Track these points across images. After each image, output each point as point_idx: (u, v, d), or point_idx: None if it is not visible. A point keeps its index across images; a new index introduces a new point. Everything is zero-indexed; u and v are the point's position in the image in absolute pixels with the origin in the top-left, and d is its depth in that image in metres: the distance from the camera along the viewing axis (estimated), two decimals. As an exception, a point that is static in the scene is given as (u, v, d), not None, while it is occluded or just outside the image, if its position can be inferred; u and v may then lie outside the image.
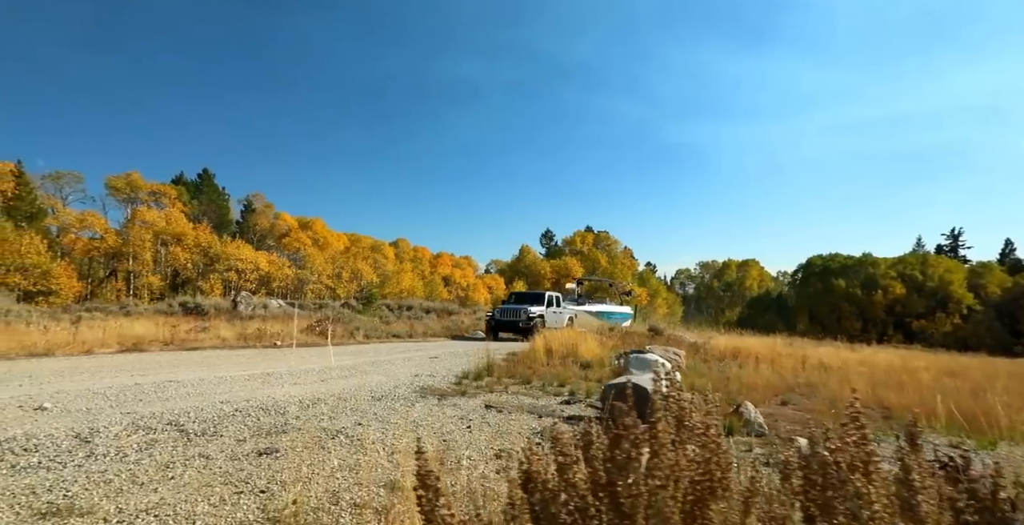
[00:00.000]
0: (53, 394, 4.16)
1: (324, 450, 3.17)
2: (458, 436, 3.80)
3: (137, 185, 34.69)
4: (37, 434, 2.93)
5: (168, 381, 5.11)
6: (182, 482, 2.46)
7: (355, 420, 4.00)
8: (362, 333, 13.17)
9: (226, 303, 17.78)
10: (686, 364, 9.45)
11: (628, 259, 57.68)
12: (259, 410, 4.07)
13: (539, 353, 9.24)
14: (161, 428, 3.36)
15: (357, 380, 6.13)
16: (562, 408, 5.23)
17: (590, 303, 24.08)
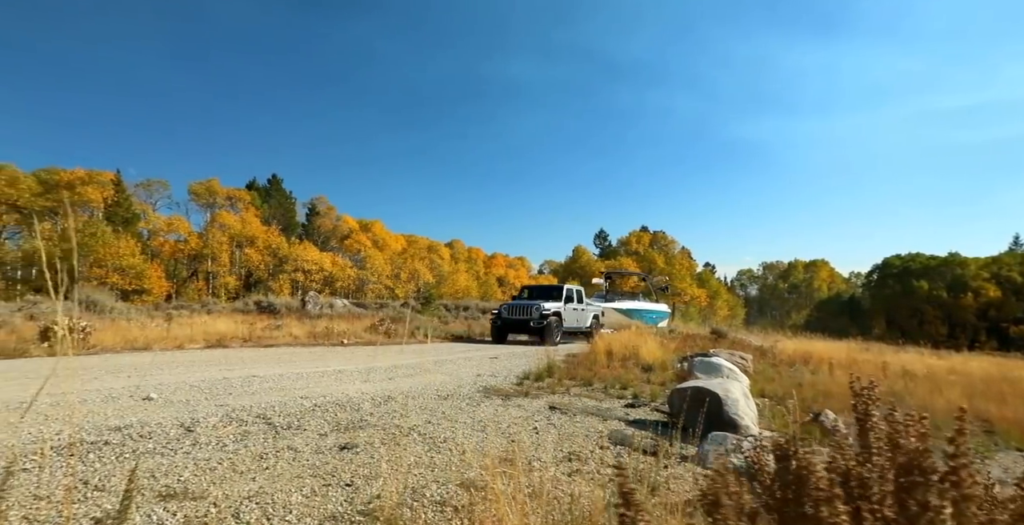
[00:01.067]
0: (156, 386, 4.55)
1: (399, 447, 3.29)
2: (525, 437, 3.83)
3: (215, 191, 37.38)
4: (149, 422, 3.21)
5: (252, 376, 5.47)
6: (276, 473, 2.63)
7: (425, 418, 4.12)
8: (422, 332, 13.54)
9: (295, 302, 18.80)
10: (753, 369, 9.06)
11: (686, 260, 55.89)
12: (336, 406, 4.27)
13: (599, 355, 9.14)
14: (251, 420, 3.60)
15: (422, 379, 6.31)
16: (626, 411, 5.16)
17: (620, 300, 20.67)
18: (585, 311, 15.16)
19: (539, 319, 12.81)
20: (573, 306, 14.45)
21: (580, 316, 14.76)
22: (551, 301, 13.67)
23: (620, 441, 3.85)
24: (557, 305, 13.60)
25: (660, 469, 3.12)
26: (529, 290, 15.79)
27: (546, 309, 12.99)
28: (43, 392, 3.45)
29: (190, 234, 35.65)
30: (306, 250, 37.36)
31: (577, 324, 14.46)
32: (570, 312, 14.13)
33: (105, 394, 3.88)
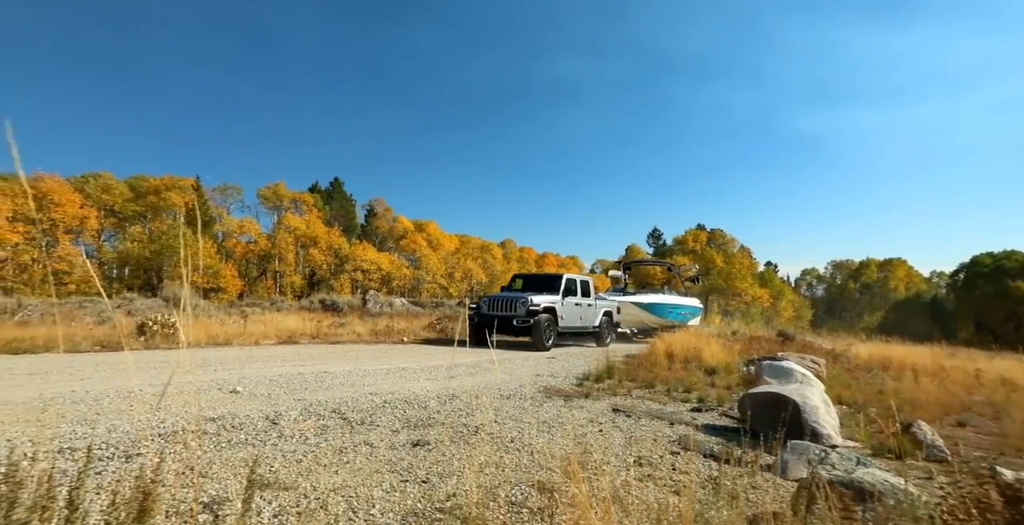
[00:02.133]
0: (239, 379, 4.85)
1: (469, 445, 3.34)
2: (592, 440, 3.79)
3: (282, 194, 39.53)
4: (238, 414, 3.44)
5: (323, 372, 5.73)
6: (355, 467, 2.74)
7: (491, 417, 4.17)
8: (478, 331, 13.70)
9: (357, 301, 19.57)
10: (827, 374, 8.55)
11: (746, 258, 53.47)
12: (404, 403, 4.40)
13: (659, 356, 8.92)
14: (328, 415, 3.77)
15: (483, 378, 6.39)
16: (693, 416, 5.01)
17: (642, 293, 17.98)
18: (593, 307, 12.50)
19: (525, 316, 10.37)
20: (575, 300, 11.81)
21: (585, 313, 12.17)
22: (545, 293, 11.13)
23: (690, 446, 3.73)
24: (551, 299, 11.02)
25: (737, 478, 3.00)
26: (523, 280, 12.89)
27: (534, 304, 10.46)
28: (145, 383, 3.76)
29: (259, 235, 37.91)
30: (365, 250, 38.82)
31: (581, 323, 12.01)
32: (570, 308, 11.57)
33: (197, 386, 4.18)
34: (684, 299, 18.43)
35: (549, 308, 10.86)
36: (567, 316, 11.43)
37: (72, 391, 3.96)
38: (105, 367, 5.51)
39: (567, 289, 11.67)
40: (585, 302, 12.25)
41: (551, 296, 11.17)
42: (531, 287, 12.02)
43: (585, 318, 12.24)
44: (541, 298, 10.84)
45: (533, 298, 10.64)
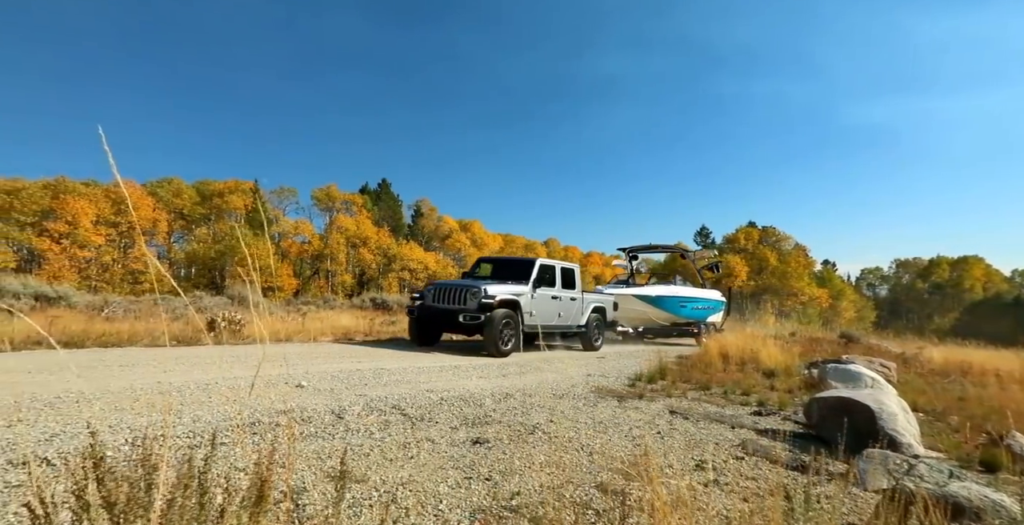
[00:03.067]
0: (303, 375, 5.07)
1: (527, 444, 3.35)
2: (650, 442, 3.72)
3: (334, 196, 41.00)
4: (306, 408, 3.59)
5: (380, 369, 5.90)
6: (420, 462, 2.81)
7: (546, 417, 4.17)
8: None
9: (406, 299, 20.04)
10: (897, 378, 8.05)
11: (802, 257, 50.90)
12: (459, 400, 4.47)
13: (713, 358, 8.66)
14: (389, 411, 3.88)
15: (534, 377, 6.40)
16: (754, 420, 4.83)
17: (650, 285, 15.46)
18: (577, 302, 10.23)
19: (476, 310, 8.14)
20: (551, 293, 9.54)
21: (566, 308, 9.85)
22: (511, 282, 8.99)
23: (755, 452, 3.60)
24: (516, 290, 8.77)
25: (809, 486, 2.87)
26: (491, 265, 10.54)
27: (488, 295, 8.19)
28: (220, 376, 3.97)
29: (313, 236, 39.48)
30: (412, 250, 39.69)
31: (560, 320, 9.74)
32: (543, 302, 9.30)
33: (266, 380, 4.40)
34: (700, 291, 15.86)
35: (509, 301, 8.50)
36: (539, 311, 9.13)
37: (157, 382, 4.25)
38: (183, 361, 5.89)
39: (540, 278, 9.25)
40: (566, 295, 9.92)
41: (517, 286, 8.86)
42: (501, 274, 9.81)
43: (567, 315, 9.89)
44: (500, 288, 8.54)
45: (488, 287, 8.31)
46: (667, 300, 14.08)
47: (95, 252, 29.88)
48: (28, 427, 2.73)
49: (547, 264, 9.81)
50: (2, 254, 26.58)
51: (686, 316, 14.29)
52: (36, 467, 2.16)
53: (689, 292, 15.39)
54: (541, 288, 9.30)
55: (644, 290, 14.15)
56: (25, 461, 2.19)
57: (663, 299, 14.01)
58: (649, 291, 14.15)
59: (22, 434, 2.58)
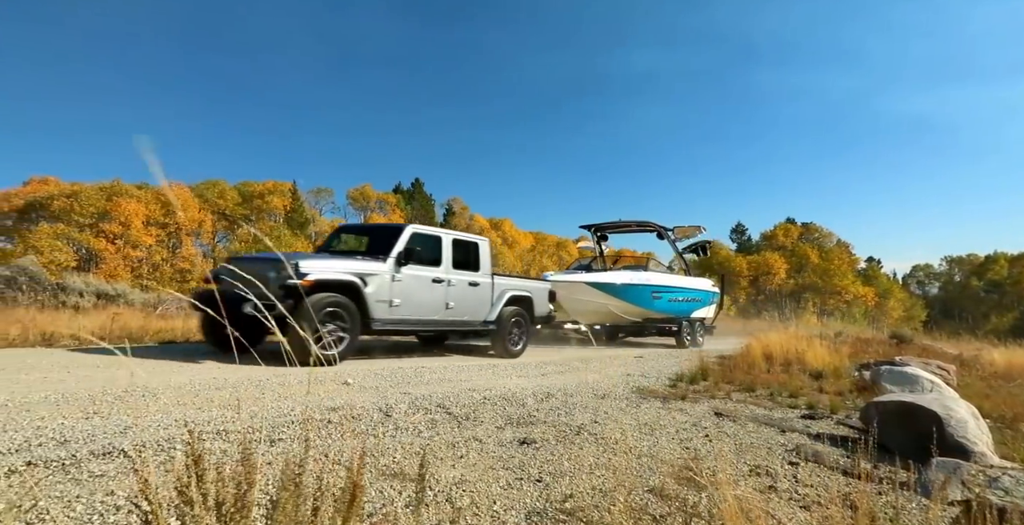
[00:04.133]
0: (348, 371, 5.18)
1: (575, 445, 3.33)
2: (699, 445, 3.64)
3: (368, 195, 41.86)
4: (354, 405, 3.67)
5: (420, 366, 5.98)
6: (470, 462, 2.82)
7: (590, 417, 4.13)
8: (559, 328, 13.69)
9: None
10: (957, 382, 7.64)
11: (845, 254, 48.94)
12: (502, 400, 4.48)
13: (756, 358, 8.42)
14: (434, 409, 3.92)
15: (573, 376, 6.36)
16: (805, 424, 4.66)
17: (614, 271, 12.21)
18: (479, 288, 7.58)
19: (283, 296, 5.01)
20: (432, 274, 6.96)
21: (459, 297, 7.24)
22: (360, 257, 6.51)
23: (811, 457, 3.48)
24: (361, 266, 6.19)
25: (874, 495, 2.75)
26: (353, 234, 8.35)
27: (302, 272, 5.56)
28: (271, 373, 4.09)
29: (348, 235, 40.49)
30: (444, 248, 40.22)
31: (451, 313, 7.19)
32: (415, 286, 6.69)
33: (312, 377, 4.51)
34: (681, 279, 12.94)
35: (344, 283, 5.86)
36: (409, 299, 6.50)
37: (213, 378, 4.42)
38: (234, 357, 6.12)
39: (410, 253, 6.52)
40: (460, 278, 7.27)
41: (367, 262, 6.25)
42: (372, 248, 7.01)
43: (462, 305, 7.26)
44: (329, 264, 5.96)
45: (304, 262, 5.70)
46: (634, 290, 11.00)
47: (146, 252, 31.40)
48: (103, 420, 2.88)
49: (424, 234, 7.03)
50: (64, 254, 28.27)
51: (661, 310, 11.58)
52: (116, 462, 2.27)
53: (665, 280, 12.26)
54: (414, 266, 6.59)
55: (602, 276, 11.09)
56: (107, 452, 2.30)
57: (629, 288, 10.93)
58: (608, 278, 11.06)
59: (99, 426, 2.72)
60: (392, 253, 6.50)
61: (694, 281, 13.45)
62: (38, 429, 2.59)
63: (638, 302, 11.17)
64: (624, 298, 10.91)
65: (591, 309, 10.68)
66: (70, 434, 2.55)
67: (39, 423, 2.70)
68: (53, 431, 2.58)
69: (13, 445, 2.34)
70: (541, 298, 8.79)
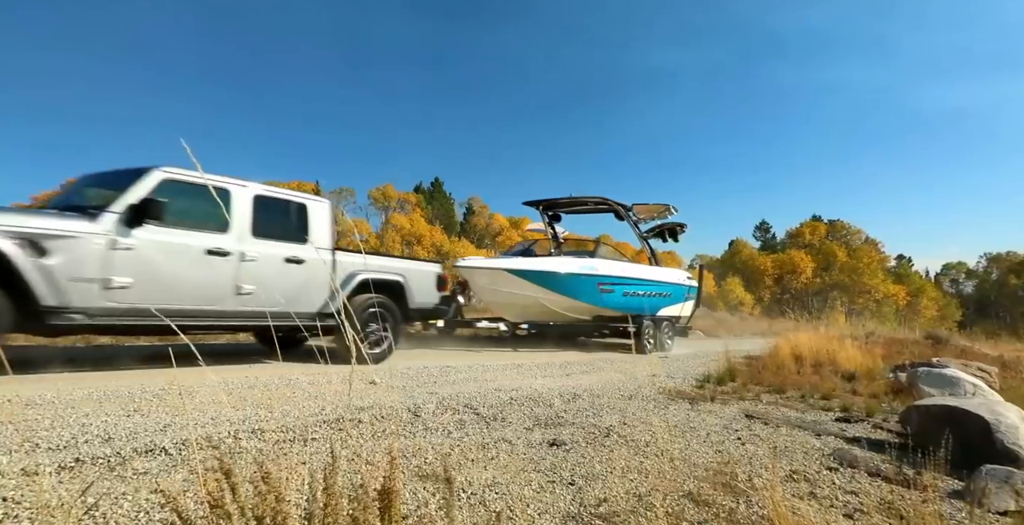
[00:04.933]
0: (373, 370, 5.22)
1: (605, 448, 3.29)
2: (732, 448, 3.57)
3: (389, 195, 42.26)
4: (382, 405, 3.69)
5: (446, 366, 6.00)
6: (501, 464, 2.81)
7: (618, 419, 4.09)
8: (581, 327, 13.61)
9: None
10: (999, 384, 7.35)
11: (874, 252, 47.52)
12: (529, 401, 4.46)
13: (785, 359, 8.24)
14: (462, 409, 3.92)
15: (598, 376, 6.31)
16: (840, 427, 4.53)
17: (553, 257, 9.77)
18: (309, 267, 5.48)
19: None
20: (208, 242, 4.78)
21: (264, 277, 5.13)
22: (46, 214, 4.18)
23: (850, 462, 3.37)
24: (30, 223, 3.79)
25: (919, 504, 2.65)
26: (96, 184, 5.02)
27: None
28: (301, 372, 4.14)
29: (371, 235, 40.86)
30: (464, 248, 40.26)
31: (247, 300, 5.04)
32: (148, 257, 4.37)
33: (341, 377, 4.56)
34: (642, 270, 10.62)
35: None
36: (145, 278, 4.36)
37: (246, 377, 4.50)
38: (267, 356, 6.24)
39: (148, 207, 4.26)
40: (261, 252, 5.13)
41: (57, 220, 4.03)
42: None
43: (270, 290, 5.07)
44: None
45: None
46: (574, 281, 8.84)
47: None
48: (143, 418, 2.95)
49: (190, 183, 4.62)
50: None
51: (614, 307, 9.28)
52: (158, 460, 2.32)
53: (619, 269, 9.85)
54: (165, 230, 4.47)
55: (529, 263, 8.82)
56: (149, 449, 2.36)
57: (568, 279, 8.77)
58: (539, 265, 8.81)
59: (140, 424, 2.79)
60: (116, 207, 4.24)
61: (660, 272, 11.07)
62: (83, 426, 2.67)
63: (581, 296, 8.99)
64: (562, 291, 8.78)
65: (518, 303, 8.66)
66: (113, 431, 2.62)
67: (84, 420, 2.78)
68: (97, 428, 2.65)
69: (61, 442, 2.41)
70: (421, 284, 6.63)
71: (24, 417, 2.72)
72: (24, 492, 1.81)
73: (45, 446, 2.33)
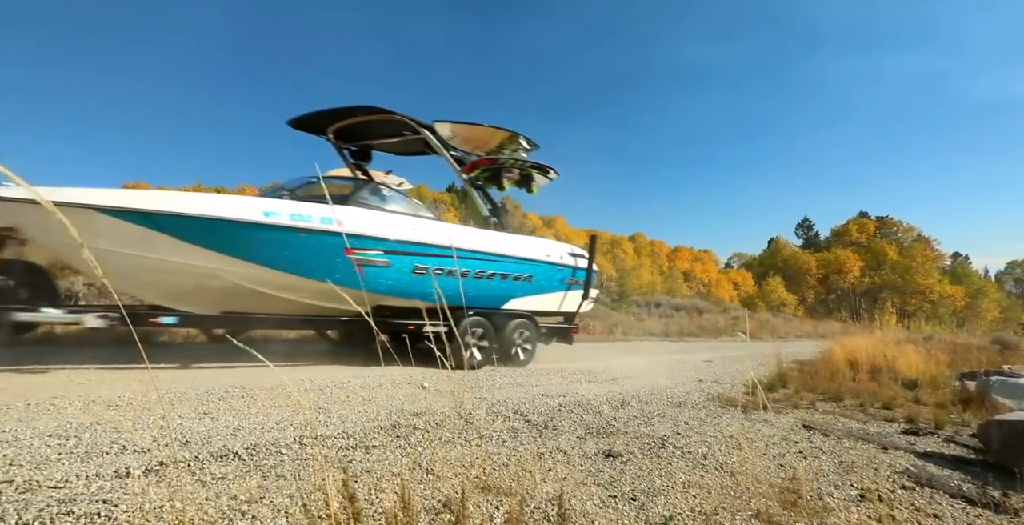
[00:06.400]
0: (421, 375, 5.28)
1: (662, 460, 3.22)
2: (794, 462, 3.43)
3: (424, 195, 42.82)
4: (435, 411, 3.72)
5: (491, 370, 6.01)
6: (560, 476, 2.79)
7: (671, 428, 4.00)
8: (620, 330, 13.44)
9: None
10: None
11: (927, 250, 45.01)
12: (578, 407, 4.42)
13: (839, 364, 7.90)
14: (512, 416, 3.91)
15: (644, 382, 6.20)
16: (908, 440, 4.30)
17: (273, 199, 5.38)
18: None
19: None
20: None
21: None
22: None
23: (926, 481, 3.19)
24: None
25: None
26: None
27: None
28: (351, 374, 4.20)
29: (406, 235, 41.65)
30: (498, 247, 40.56)
31: None
32: None
33: (391, 380, 4.63)
34: (465, 235, 6.79)
35: None
36: None
37: (300, 379, 4.63)
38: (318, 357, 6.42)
39: None
40: None
41: None
42: None
43: None
44: None
45: None
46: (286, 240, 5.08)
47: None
48: (213, 421, 3.07)
49: None
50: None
51: (394, 291, 5.78)
52: (233, 465, 2.40)
53: (402, 229, 5.87)
54: None
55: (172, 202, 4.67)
56: (223, 454, 2.44)
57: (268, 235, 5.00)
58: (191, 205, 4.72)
59: (211, 427, 2.90)
60: None
61: (504, 241, 7.04)
62: (162, 429, 2.80)
63: (310, 268, 5.15)
64: (258, 257, 5.01)
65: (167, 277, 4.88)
66: (189, 435, 2.73)
67: (162, 423, 2.91)
68: (175, 431, 2.77)
69: (144, 444, 2.53)
70: None
71: (109, 418, 2.87)
72: (119, 495, 1.90)
73: (131, 448, 2.45)
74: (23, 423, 2.77)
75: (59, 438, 2.53)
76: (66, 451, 2.37)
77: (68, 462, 2.23)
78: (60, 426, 2.73)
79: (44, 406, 3.15)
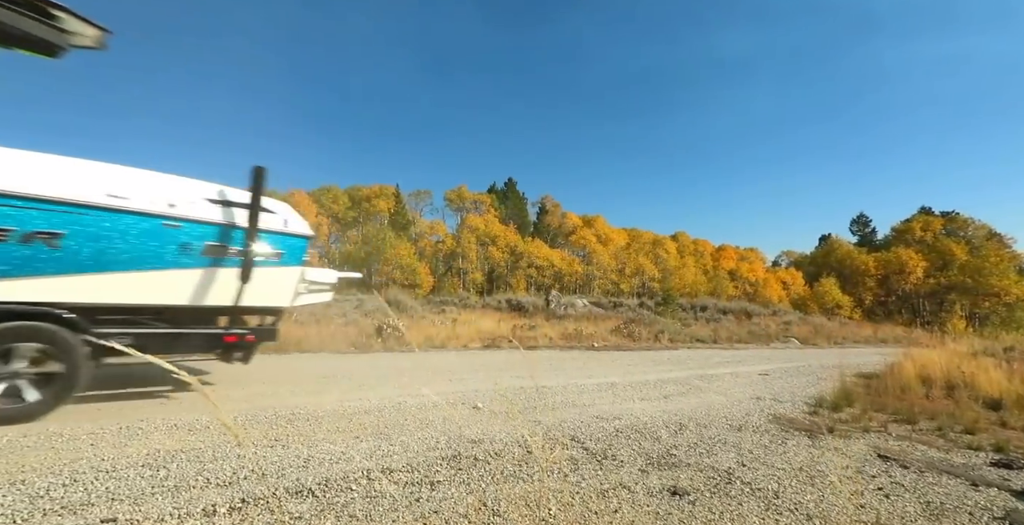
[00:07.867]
0: (475, 392, 5.33)
1: (731, 498, 3.10)
2: (874, 502, 3.23)
3: (464, 196, 43.28)
4: (493, 438, 3.72)
5: (541, 386, 6.01)
6: (628, 519, 2.72)
7: (735, 458, 3.85)
8: (667, 337, 13.15)
9: (539, 300, 20.38)
10: None
11: (1001, 249, 41.67)
12: (634, 431, 4.33)
13: (910, 380, 7.42)
14: (569, 443, 3.87)
15: (697, 399, 6.02)
16: (1001, 475, 3.97)
17: None
18: None
19: None
20: None
21: None
22: None
23: (1030, 532, 2.93)
24: None
25: None
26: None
27: None
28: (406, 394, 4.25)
29: (446, 235, 42.12)
30: (538, 247, 40.37)
31: None
32: None
33: (444, 399, 4.67)
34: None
35: None
36: None
37: (359, 399, 4.75)
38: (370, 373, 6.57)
39: None
40: None
41: None
42: None
43: None
44: None
45: None
46: None
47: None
48: (284, 449, 3.18)
49: None
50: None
51: None
52: (308, 503, 2.46)
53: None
54: None
55: None
56: (298, 490, 2.52)
57: None
58: None
59: (284, 457, 3.00)
60: None
61: None
62: (239, 458, 2.91)
63: None
64: None
65: None
66: (264, 466, 2.84)
67: (239, 451, 3.04)
68: (251, 462, 2.88)
69: (225, 477, 2.64)
70: None
71: (192, 445, 3.01)
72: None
73: (215, 481, 2.56)
74: (117, 450, 2.94)
75: (151, 469, 2.67)
76: (158, 483, 2.50)
77: (161, 497, 2.35)
78: (150, 454, 2.88)
79: (133, 430, 3.34)
